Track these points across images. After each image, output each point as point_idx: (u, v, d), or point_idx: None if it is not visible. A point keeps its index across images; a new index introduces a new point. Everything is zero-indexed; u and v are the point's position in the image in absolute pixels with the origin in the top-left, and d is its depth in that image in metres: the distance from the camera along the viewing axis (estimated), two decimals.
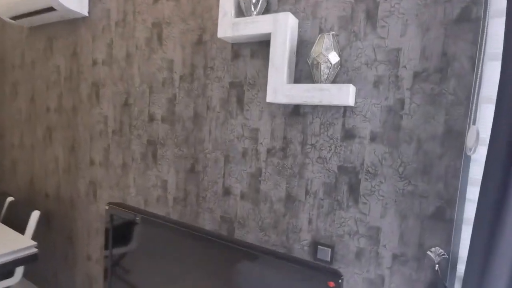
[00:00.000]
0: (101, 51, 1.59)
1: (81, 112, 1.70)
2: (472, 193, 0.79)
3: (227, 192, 1.21)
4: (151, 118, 1.42)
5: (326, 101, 0.90)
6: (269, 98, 1.00)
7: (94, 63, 1.62)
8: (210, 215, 1.26)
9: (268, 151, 1.10)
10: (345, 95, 0.87)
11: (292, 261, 0.84)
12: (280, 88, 0.97)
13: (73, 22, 1.70)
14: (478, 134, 0.74)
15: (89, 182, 1.69)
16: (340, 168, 0.97)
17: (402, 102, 0.88)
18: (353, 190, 0.95)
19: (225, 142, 1.21)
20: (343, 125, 0.96)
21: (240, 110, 1.17)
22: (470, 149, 0.76)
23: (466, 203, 0.80)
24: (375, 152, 0.91)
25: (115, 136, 1.55)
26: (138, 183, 1.48)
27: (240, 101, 1.16)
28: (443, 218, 0.83)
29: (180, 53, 1.31)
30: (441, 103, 0.83)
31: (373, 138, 0.92)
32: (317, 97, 0.91)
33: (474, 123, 0.78)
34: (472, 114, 0.78)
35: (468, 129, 0.79)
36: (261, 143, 1.12)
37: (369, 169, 0.92)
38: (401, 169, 0.88)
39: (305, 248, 1.05)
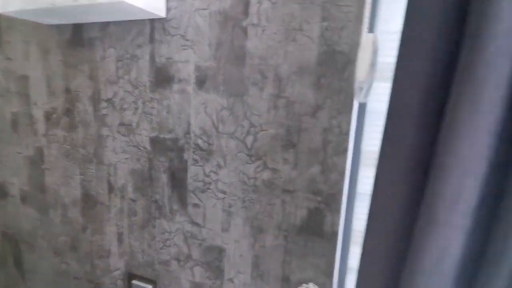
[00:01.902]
0: None
1: None
2: (369, 177, 0.40)
3: (2, 191, 0.70)
4: None
5: None
6: None
7: None
8: None
9: (48, 116, 0.60)
10: None
11: None
12: None
13: None
14: (375, 51, 0.33)
15: None
16: (154, 142, 0.52)
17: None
18: (178, 182, 0.51)
19: None
20: (152, 58, 0.49)
21: None
22: (361, 88, 0.35)
23: (356, 199, 0.41)
24: (206, 108, 0.47)
25: None
26: None
27: None
28: (320, 230, 0.43)
29: None
30: None
31: (201, 81, 0.47)
32: None
33: (371, 31, 0.36)
34: (368, 13, 0.36)
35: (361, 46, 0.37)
36: (36, 104, 0.61)
37: (200, 140, 0.48)
38: (249, 140, 0.45)
39: (118, 283, 0.61)
